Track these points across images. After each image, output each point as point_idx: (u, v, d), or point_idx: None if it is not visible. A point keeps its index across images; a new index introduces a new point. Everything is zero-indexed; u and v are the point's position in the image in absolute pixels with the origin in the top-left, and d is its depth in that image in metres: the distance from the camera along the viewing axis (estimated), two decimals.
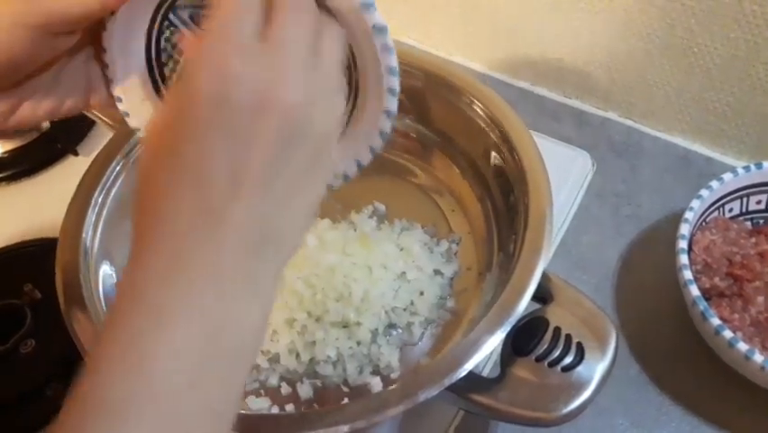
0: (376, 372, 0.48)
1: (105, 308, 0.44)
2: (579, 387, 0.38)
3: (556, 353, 0.40)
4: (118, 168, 0.50)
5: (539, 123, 0.69)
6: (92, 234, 0.47)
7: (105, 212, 0.48)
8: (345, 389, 0.48)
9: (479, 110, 0.52)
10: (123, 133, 0.52)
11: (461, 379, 0.37)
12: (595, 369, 0.39)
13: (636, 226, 0.61)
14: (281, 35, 0.29)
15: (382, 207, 0.57)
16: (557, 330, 0.41)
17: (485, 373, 0.50)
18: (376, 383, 0.47)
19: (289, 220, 0.29)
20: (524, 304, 0.40)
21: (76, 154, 0.69)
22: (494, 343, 0.38)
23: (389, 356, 0.48)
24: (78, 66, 0.38)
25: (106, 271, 0.47)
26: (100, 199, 0.49)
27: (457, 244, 0.55)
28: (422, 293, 0.51)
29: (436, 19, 0.76)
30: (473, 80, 0.54)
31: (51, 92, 0.37)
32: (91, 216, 0.48)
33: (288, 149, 0.28)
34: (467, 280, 0.52)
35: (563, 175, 0.62)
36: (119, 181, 0.50)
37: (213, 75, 0.27)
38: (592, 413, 0.49)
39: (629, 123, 0.70)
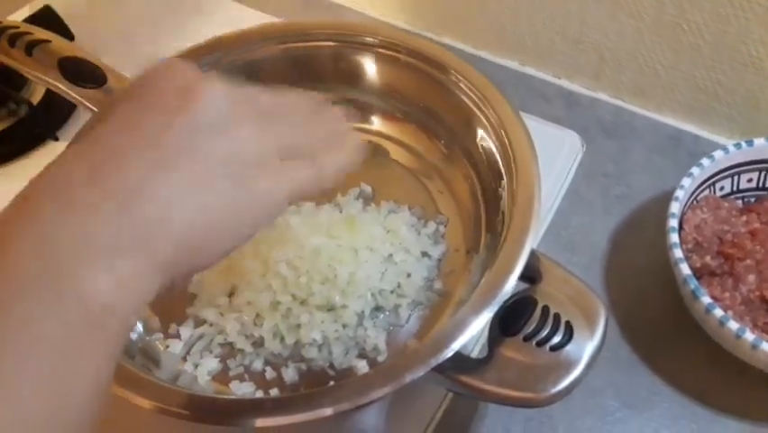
0: (362, 355, 0.47)
1: None
2: (568, 366, 0.38)
3: (544, 332, 0.39)
4: None
5: (528, 103, 0.68)
6: None
7: None
8: (331, 372, 0.47)
9: (467, 90, 0.52)
10: None
11: (447, 360, 0.37)
12: (584, 348, 0.38)
13: (626, 206, 0.60)
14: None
15: (369, 189, 0.56)
16: (545, 309, 0.40)
17: (474, 354, 0.50)
18: (362, 366, 0.46)
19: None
20: (511, 284, 0.39)
21: (56, 139, 0.68)
22: (481, 323, 0.38)
23: (376, 339, 0.47)
24: None
25: None
26: None
27: (444, 225, 0.54)
28: (409, 275, 0.50)
29: (425, 0, 0.75)
30: (461, 60, 0.53)
31: None
32: None
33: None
34: (454, 261, 0.52)
35: (553, 156, 0.62)
36: None
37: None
38: (582, 394, 0.48)
39: (619, 102, 0.69)
